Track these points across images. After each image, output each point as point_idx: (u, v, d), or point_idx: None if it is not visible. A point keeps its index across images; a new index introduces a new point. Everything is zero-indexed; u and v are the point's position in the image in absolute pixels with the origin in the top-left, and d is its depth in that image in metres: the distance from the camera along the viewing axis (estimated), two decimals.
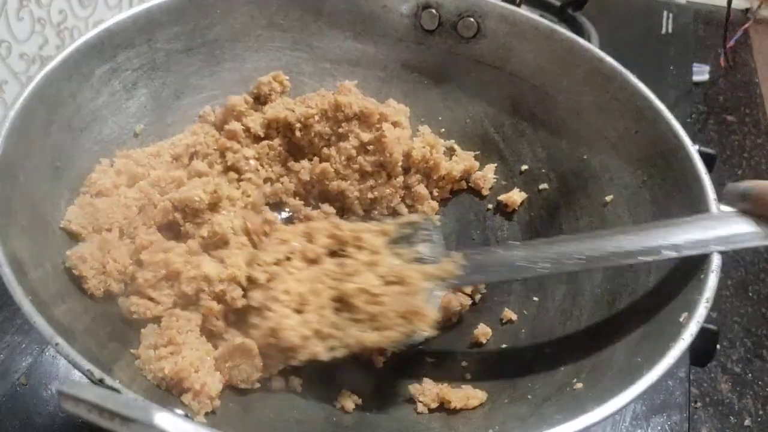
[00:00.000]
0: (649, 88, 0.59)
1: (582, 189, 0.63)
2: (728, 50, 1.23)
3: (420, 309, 0.51)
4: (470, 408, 0.50)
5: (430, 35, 0.71)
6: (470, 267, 0.54)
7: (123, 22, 0.61)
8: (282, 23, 0.69)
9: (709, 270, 0.48)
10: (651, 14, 1.31)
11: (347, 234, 0.58)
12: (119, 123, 0.61)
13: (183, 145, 0.63)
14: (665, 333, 0.46)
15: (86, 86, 0.58)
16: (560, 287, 0.59)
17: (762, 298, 0.83)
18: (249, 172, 0.64)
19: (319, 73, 0.71)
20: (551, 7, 1.16)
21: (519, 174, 0.67)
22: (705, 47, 1.29)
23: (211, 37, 0.67)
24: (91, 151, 0.58)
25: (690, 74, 1.17)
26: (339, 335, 0.50)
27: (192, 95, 0.66)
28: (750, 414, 0.70)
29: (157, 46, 0.63)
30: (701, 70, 1.22)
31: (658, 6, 1.33)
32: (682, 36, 1.26)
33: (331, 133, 0.65)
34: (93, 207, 0.54)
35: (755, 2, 1.40)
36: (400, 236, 0.58)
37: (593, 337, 0.53)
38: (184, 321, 0.50)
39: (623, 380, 0.45)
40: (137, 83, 0.63)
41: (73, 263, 0.50)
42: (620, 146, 0.61)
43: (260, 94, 0.67)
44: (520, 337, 0.57)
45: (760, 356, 0.76)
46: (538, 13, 1.09)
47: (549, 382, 0.51)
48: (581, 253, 0.52)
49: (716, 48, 1.28)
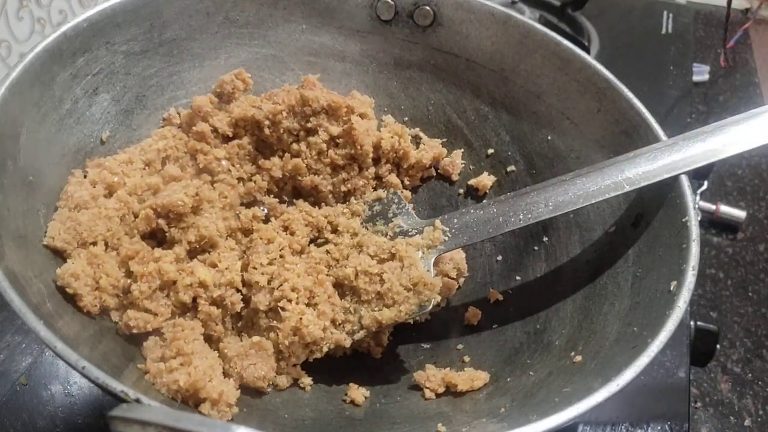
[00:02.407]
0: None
1: (549, 169, 0.65)
2: (728, 50, 1.25)
3: (424, 278, 0.53)
4: (476, 389, 0.52)
5: (387, 25, 0.71)
6: (453, 230, 0.57)
7: (79, 25, 0.58)
8: (238, 19, 0.68)
9: (690, 239, 0.51)
10: (651, 14, 1.32)
11: (321, 219, 0.60)
12: (84, 131, 0.59)
13: (153, 150, 0.61)
14: (656, 302, 0.50)
15: (48, 94, 0.56)
16: (539, 264, 0.62)
17: (762, 298, 0.85)
18: (222, 173, 0.63)
19: (278, 68, 0.71)
20: (551, 7, 1.16)
21: (486, 158, 0.69)
22: (705, 47, 1.31)
23: (168, 37, 0.65)
24: (62, 163, 0.56)
25: (690, 74, 1.18)
26: (353, 319, 0.53)
27: (154, 98, 0.64)
28: (750, 414, 0.72)
29: (115, 48, 0.61)
30: (701, 70, 1.22)
31: (658, 6, 1.35)
32: (682, 36, 1.27)
33: (300, 128, 0.65)
34: (74, 221, 0.52)
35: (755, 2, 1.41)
36: (374, 214, 0.61)
37: (581, 310, 0.56)
38: (188, 330, 0.49)
39: (623, 349, 0.48)
40: (98, 88, 0.60)
41: (66, 282, 0.48)
42: (583, 126, 0.64)
43: (223, 92, 0.66)
44: (509, 316, 0.59)
45: (760, 356, 0.78)
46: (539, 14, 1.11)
47: (546, 357, 0.53)
48: (548, 201, 0.56)
49: (716, 48, 1.29)
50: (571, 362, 0.50)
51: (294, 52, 0.71)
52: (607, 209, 0.60)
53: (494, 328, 0.59)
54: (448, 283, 0.62)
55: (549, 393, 0.48)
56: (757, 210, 1.00)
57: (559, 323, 0.56)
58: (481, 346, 0.58)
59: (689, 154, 0.54)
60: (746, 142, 0.54)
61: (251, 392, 0.50)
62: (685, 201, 0.53)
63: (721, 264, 0.91)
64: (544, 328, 0.56)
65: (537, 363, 0.53)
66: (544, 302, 0.58)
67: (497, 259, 0.65)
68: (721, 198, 1.00)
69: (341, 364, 0.56)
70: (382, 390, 0.54)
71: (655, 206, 0.56)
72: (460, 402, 0.52)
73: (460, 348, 0.58)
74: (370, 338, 0.57)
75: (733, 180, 1.03)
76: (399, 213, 0.61)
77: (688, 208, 0.53)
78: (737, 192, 1.03)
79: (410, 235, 0.58)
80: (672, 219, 0.54)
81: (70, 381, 0.61)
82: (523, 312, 0.59)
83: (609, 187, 0.55)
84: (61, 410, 0.59)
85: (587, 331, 0.53)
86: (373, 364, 0.57)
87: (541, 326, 0.57)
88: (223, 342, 0.52)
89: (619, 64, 0.64)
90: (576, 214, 0.61)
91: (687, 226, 0.52)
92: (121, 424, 0.31)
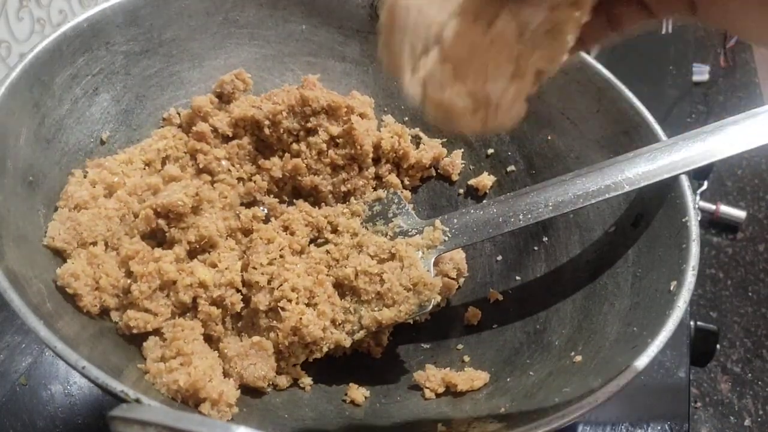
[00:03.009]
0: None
1: (549, 168, 0.65)
2: (728, 50, 1.25)
3: (424, 278, 0.53)
4: (475, 389, 0.52)
5: None
6: (452, 231, 0.58)
7: (79, 25, 0.58)
8: (238, 19, 0.68)
9: (690, 239, 0.51)
10: None
11: (321, 219, 0.60)
12: (84, 131, 0.59)
13: (153, 150, 0.61)
14: (656, 302, 0.50)
15: (48, 95, 0.56)
16: (539, 264, 0.62)
17: (762, 298, 0.85)
18: (222, 173, 0.63)
19: (278, 68, 0.71)
20: None
21: (486, 158, 0.69)
22: (705, 47, 1.31)
23: (168, 37, 0.65)
24: (61, 163, 0.56)
25: (690, 74, 1.18)
26: (353, 319, 0.53)
27: (154, 98, 0.64)
28: (750, 414, 0.71)
29: (115, 48, 0.61)
30: (701, 70, 1.22)
31: None
32: (682, 36, 1.27)
33: (300, 128, 0.65)
34: (74, 221, 0.52)
35: None
36: (374, 214, 0.62)
37: (581, 310, 0.56)
38: (188, 330, 0.49)
39: (623, 349, 0.48)
40: (98, 88, 0.60)
41: (66, 282, 0.48)
42: (583, 126, 0.64)
43: (223, 92, 0.66)
44: (509, 316, 0.59)
45: (760, 356, 0.78)
46: None
47: (546, 357, 0.53)
48: (548, 201, 0.56)
49: (716, 48, 1.29)
50: (571, 362, 0.50)
51: (294, 52, 0.71)
52: (607, 209, 0.60)
53: (494, 328, 0.59)
54: (448, 283, 0.62)
55: (549, 393, 0.48)
56: (757, 210, 1.00)
57: (559, 323, 0.56)
58: (481, 346, 0.58)
59: (689, 154, 0.54)
60: (746, 142, 0.54)
61: (251, 392, 0.50)
62: (685, 201, 0.53)
63: (721, 264, 0.91)
64: (544, 328, 0.56)
65: (537, 363, 0.53)
66: (544, 302, 0.58)
67: (497, 259, 0.65)
68: (721, 198, 1.00)
69: (341, 364, 0.56)
70: (382, 390, 0.54)
71: (655, 206, 0.56)
72: (460, 402, 0.52)
73: (460, 348, 0.58)
74: (370, 338, 0.57)
75: (733, 180, 1.03)
76: (399, 213, 0.61)
77: (688, 208, 0.53)
78: (737, 192, 1.03)
79: (410, 235, 0.58)
80: (672, 219, 0.54)
81: (70, 381, 0.61)
82: (523, 312, 0.59)
83: (609, 187, 0.55)
84: (61, 410, 0.59)
85: (587, 331, 0.53)
86: (373, 364, 0.57)
87: (541, 326, 0.57)
88: (223, 342, 0.52)
89: (619, 64, 0.64)
90: (576, 214, 0.61)
91: (687, 226, 0.52)
92: (121, 424, 0.31)
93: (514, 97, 0.33)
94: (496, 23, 0.31)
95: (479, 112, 0.32)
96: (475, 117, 0.32)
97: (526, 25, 0.31)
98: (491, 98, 0.32)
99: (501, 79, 0.32)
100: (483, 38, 0.31)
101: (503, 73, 0.32)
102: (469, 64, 0.31)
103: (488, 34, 0.31)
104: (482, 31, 0.31)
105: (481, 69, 0.31)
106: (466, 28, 0.30)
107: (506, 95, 0.32)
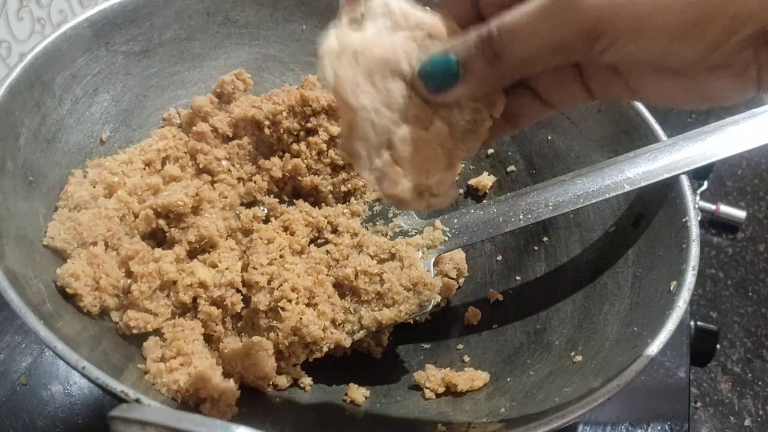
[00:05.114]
0: None
1: (549, 168, 0.65)
2: None
3: (424, 278, 0.53)
4: (476, 389, 0.52)
5: None
6: (452, 231, 0.58)
7: (79, 25, 0.58)
8: (238, 19, 0.68)
9: (690, 239, 0.51)
10: None
11: (321, 219, 0.60)
12: (84, 131, 0.59)
13: (153, 150, 0.61)
14: (656, 302, 0.50)
15: (48, 95, 0.56)
16: (539, 264, 0.62)
17: (762, 298, 0.85)
18: (222, 173, 0.63)
19: (278, 68, 0.71)
20: None
21: (486, 158, 0.69)
22: None
23: (168, 37, 0.65)
24: (61, 162, 0.56)
25: None
26: (353, 319, 0.53)
27: (154, 98, 0.64)
28: (750, 414, 0.72)
29: (115, 48, 0.61)
30: None
31: None
32: None
33: (300, 128, 0.65)
34: (74, 221, 0.52)
35: None
36: (374, 214, 0.62)
37: (581, 310, 0.56)
38: (188, 330, 0.50)
39: (623, 349, 0.48)
40: (98, 88, 0.60)
41: (66, 281, 0.48)
42: (583, 126, 0.64)
43: (223, 92, 0.66)
44: (509, 316, 0.59)
45: (760, 356, 0.78)
46: None
47: (546, 357, 0.53)
48: (548, 201, 0.56)
49: None
50: (571, 362, 0.50)
51: (294, 52, 0.71)
52: (607, 209, 0.60)
53: (494, 328, 0.59)
54: (448, 283, 0.62)
55: (549, 393, 0.48)
56: (757, 210, 1.00)
57: (559, 323, 0.56)
58: (481, 346, 0.58)
59: (689, 154, 0.54)
60: (746, 142, 0.54)
61: (251, 392, 0.50)
62: (685, 201, 0.53)
63: (721, 264, 0.91)
64: (544, 328, 0.56)
65: (537, 363, 0.53)
66: (544, 302, 0.58)
67: (497, 259, 0.65)
68: (721, 198, 1.00)
69: (341, 364, 0.56)
70: (382, 390, 0.54)
71: (655, 206, 0.56)
72: (460, 402, 0.52)
73: (460, 348, 0.58)
74: (370, 338, 0.57)
75: (733, 180, 1.03)
76: (399, 213, 0.61)
77: (688, 208, 0.53)
78: (737, 192, 1.03)
79: (410, 235, 0.58)
80: (672, 219, 0.54)
81: (70, 381, 0.61)
82: (523, 312, 0.59)
83: (609, 187, 0.55)
84: (61, 410, 0.59)
85: (587, 331, 0.53)
86: (373, 364, 0.57)
87: (541, 326, 0.57)
88: (223, 342, 0.52)
89: None
90: (576, 214, 0.61)
91: (687, 226, 0.52)
92: (121, 424, 0.31)
93: (450, 185, 0.40)
94: (434, 124, 0.37)
95: (423, 198, 0.39)
96: (420, 202, 0.39)
97: (455, 125, 0.38)
98: (432, 188, 0.39)
99: (438, 172, 0.39)
100: (424, 138, 0.37)
101: (439, 167, 0.39)
102: (414, 163, 0.37)
103: (428, 134, 0.37)
104: (422, 134, 0.37)
105: (423, 166, 0.38)
106: (410, 133, 0.37)
107: (443, 184, 0.39)
